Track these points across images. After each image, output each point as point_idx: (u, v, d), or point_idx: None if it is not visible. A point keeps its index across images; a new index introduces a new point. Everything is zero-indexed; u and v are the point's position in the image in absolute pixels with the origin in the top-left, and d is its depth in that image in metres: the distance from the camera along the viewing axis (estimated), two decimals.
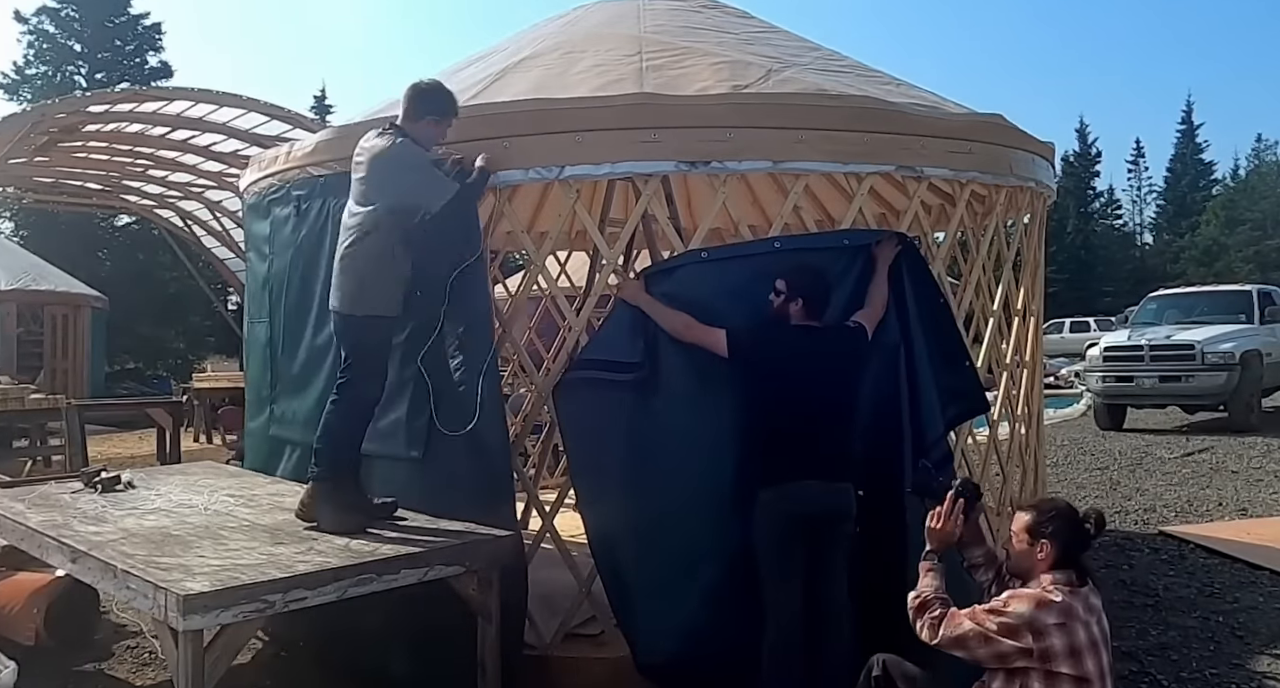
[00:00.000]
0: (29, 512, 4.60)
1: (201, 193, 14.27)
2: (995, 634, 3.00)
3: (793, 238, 4.82)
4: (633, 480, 4.26)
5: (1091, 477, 10.31)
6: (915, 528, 4.21)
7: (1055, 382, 19.93)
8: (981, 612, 3.08)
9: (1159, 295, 17.17)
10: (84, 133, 11.32)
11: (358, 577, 3.56)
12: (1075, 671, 2.98)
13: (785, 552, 3.79)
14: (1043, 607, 3.01)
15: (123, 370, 25.77)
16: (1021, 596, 3.08)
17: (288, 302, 5.28)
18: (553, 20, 6.25)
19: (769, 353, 3.95)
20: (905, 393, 4.36)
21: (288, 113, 11.03)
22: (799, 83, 4.85)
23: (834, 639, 3.80)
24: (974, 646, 3.04)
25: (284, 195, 5.34)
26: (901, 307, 4.42)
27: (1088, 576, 3.17)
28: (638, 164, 4.45)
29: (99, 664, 5.01)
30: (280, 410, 5.36)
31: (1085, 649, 3.00)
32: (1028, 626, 2.98)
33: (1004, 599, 3.10)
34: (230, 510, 4.54)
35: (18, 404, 9.93)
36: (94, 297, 18.04)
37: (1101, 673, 3.03)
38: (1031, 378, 6.03)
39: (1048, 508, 3.26)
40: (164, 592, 3.23)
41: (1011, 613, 3.01)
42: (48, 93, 25.68)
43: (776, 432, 3.88)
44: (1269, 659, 4.82)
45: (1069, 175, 48.44)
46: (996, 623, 3.01)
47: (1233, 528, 7.64)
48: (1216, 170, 55.15)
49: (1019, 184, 5.47)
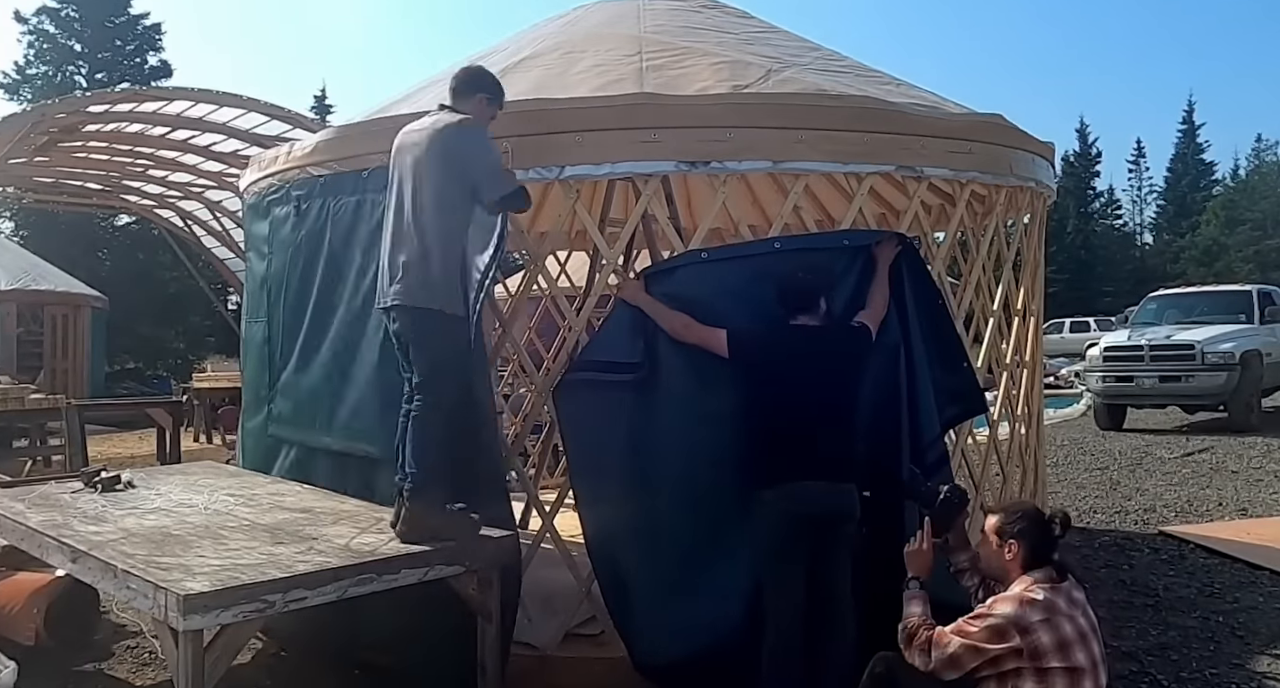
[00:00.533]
0: (29, 512, 4.60)
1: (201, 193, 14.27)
2: (984, 642, 3.08)
3: (793, 238, 4.82)
4: (633, 481, 4.26)
5: (1091, 477, 10.31)
6: (914, 528, 4.23)
7: (1055, 382, 19.93)
8: (966, 622, 3.16)
9: (1159, 295, 17.17)
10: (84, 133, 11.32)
11: (358, 577, 3.56)
12: (1065, 663, 3.04)
13: (786, 553, 3.78)
14: (1026, 605, 3.09)
15: (123, 370, 25.76)
16: (1004, 598, 3.17)
17: (286, 301, 5.28)
18: (553, 20, 6.25)
19: (770, 353, 3.95)
20: (904, 393, 4.36)
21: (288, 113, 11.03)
22: (799, 83, 4.85)
23: (836, 640, 3.79)
24: (966, 661, 3.12)
25: (284, 195, 5.34)
26: (901, 307, 4.42)
27: (1067, 571, 3.29)
28: (638, 164, 4.45)
29: (99, 664, 5.00)
30: (278, 410, 5.36)
31: (1074, 642, 3.07)
32: (1014, 625, 3.05)
33: (988, 604, 3.19)
34: (230, 510, 4.54)
35: (18, 404, 9.93)
36: (94, 297, 18.04)
37: (1094, 663, 3.10)
38: (1031, 378, 6.03)
39: (1014, 510, 3.43)
40: (164, 592, 3.23)
41: (996, 615, 3.10)
42: (48, 93, 25.69)
43: (777, 432, 3.87)
44: (1269, 659, 4.82)
45: (1069, 175, 48.48)
46: (982, 628, 3.09)
47: (1233, 528, 7.64)
48: (1217, 170, 55.27)
49: (1019, 184, 5.47)
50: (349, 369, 4.81)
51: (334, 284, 4.96)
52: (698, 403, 4.22)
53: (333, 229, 4.97)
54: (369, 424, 4.61)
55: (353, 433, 4.79)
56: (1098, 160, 53.40)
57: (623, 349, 4.34)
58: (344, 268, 4.89)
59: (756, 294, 4.13)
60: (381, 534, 3.98)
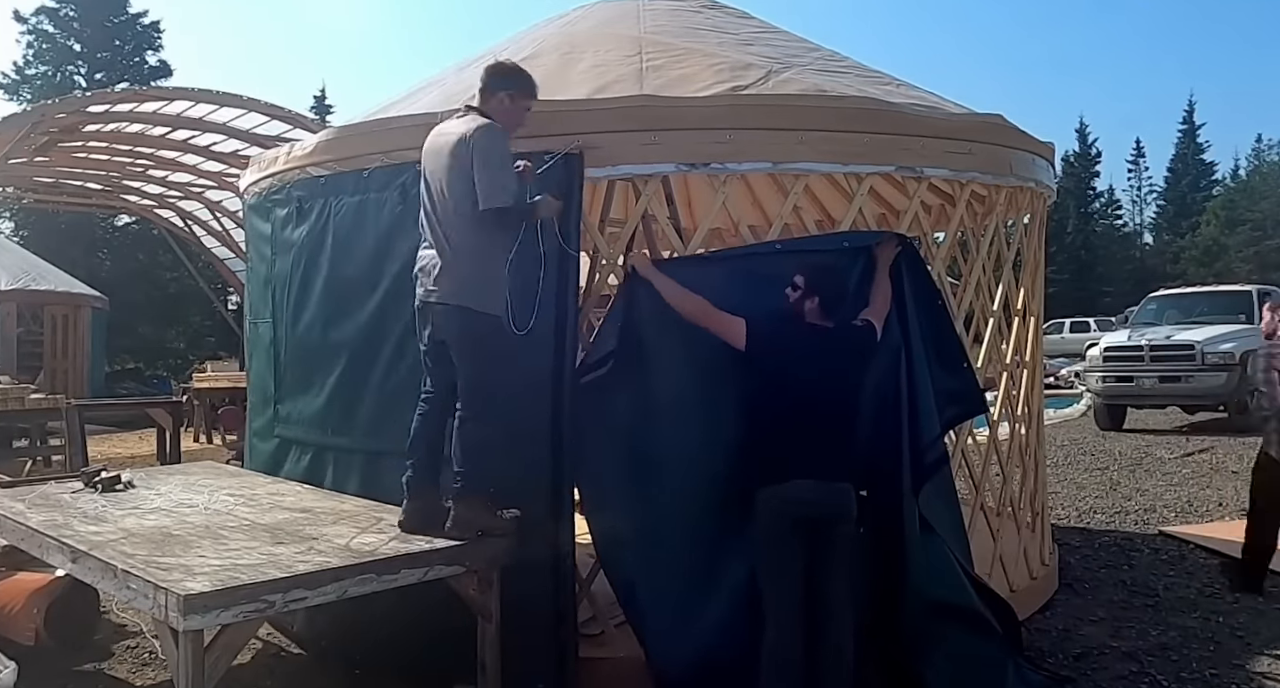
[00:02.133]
0: (29, 512, 4.60)
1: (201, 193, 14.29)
2: None
3: (793, 241, 4.81)
4: (635, 482, 4.25)
5: (1091, 477, 10.31)
6: (914, 527, 4.24)
7: (1055, 382, 19.94)
8: None
9: (1159, 296, 17.16)
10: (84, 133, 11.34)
11: (358, 577, 3.56)
12: None
13: (783, 551, 3.78)
14: None
15: (123, 370, 25.74)
16: None
17: (291, 302, 5.28)
18: (553, 20, 6.25)
19: (783, 350, 3.92)
20: (905, 393, 4.36)
21: (288, 113, 11.05)
22: (799, 83, 4.84)
23: (835, 639, 3.79)
24: None
25: (285, 196, 5.35)
26: (901, 308, 4.42)
27: None
28: (638, 166, 4.45)
29: (99, 664, 5.01)
30: (285, 411, 5.36)
31: None
32: None
33: None
34: (230, 510, 4.54)
35: (18, 404, 9.92)
36: (94, 297, 18.04)
37: None
38: (1031, 378, 6.03)
39: None
40: (164, 592, 3.23)
41: None
42: (48, 93, 25.69)
43: (779, 431, 3.86)
44: (1269, 660, 4.82)
45: (1069, 175, 48.46)
46: None
47: (1233, 528, 7.62)
48: (1217, 171, 55.24)
49: (1019, 184, 5.47)
50: (358, 369, 4.82)
51: (337, 284, 4.97)
52: (698, 400, 4.22)
53: (334, 229, 4.98)
54: (379, 423, 4.62)
55: (363, 432, 4.80)
56: (1098, 160, 53.40)
57: (620, 346, 4.33)
58: (347, 268, 4.90)
59: (757, 298, 4.12)
60: (382, 534, 3.99)
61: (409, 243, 4.22)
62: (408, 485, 4.07)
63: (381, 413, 4.63)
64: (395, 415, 4.33)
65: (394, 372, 4.60)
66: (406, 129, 4.71)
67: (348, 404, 4.89)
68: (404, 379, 4.41)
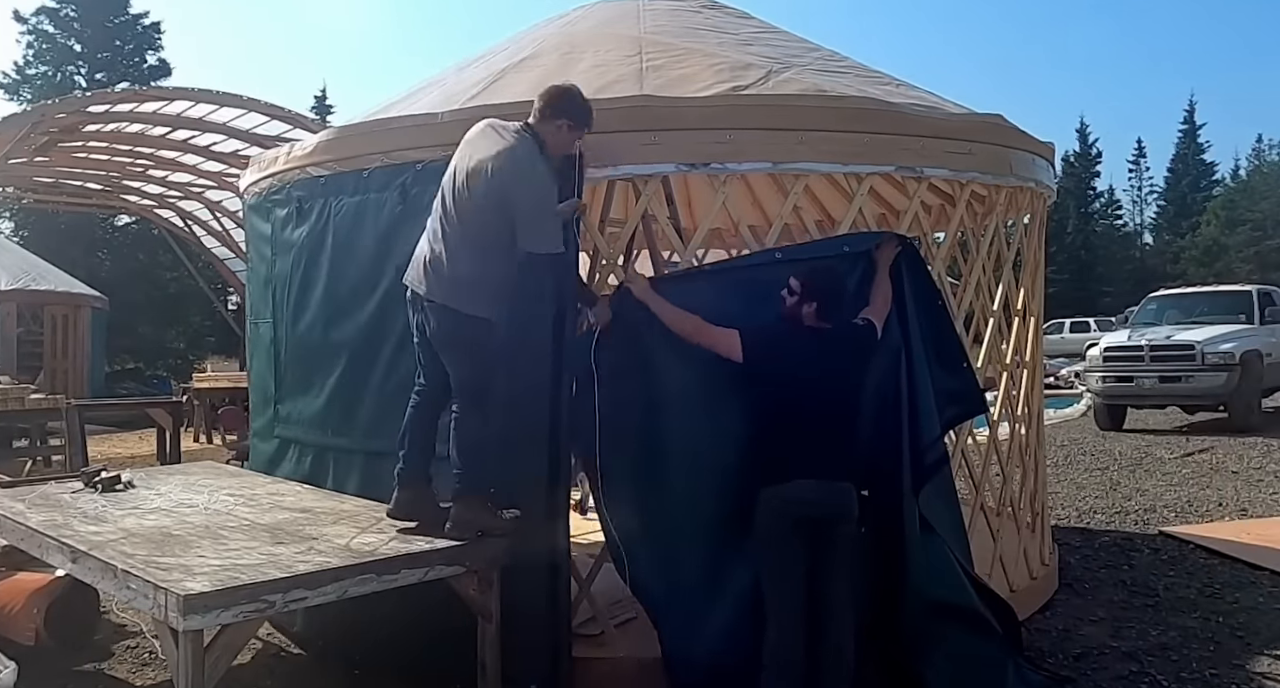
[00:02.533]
0: (29, 512, 4.60)
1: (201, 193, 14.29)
2: None
3: (793, 248, 4.77)
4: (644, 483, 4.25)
5: (1091, 477, 10.31)
6: (914, 527, 4.24)
7: (1055, 382, 19.93)
8: None
9: (1159, 296, 17.17)
10: (84, 133, 11.34)
11: (358, 577, 3.56)
12: None
13: (784, 551, 3.78)
14: None
15: (123, 370, 25.78)
16: None
17: (291, 302, 5.29)
18: (553, 20, 6.25)
19: (782, 356, 3.92)
20: (905, 393, 4.36)
21: (288, 113, 11.06)
22: (799, 83, 4.84)
23: (835, 639, 3.79)
24: None
25: (285, 196, 5.35)
26: (901, 308, 4.41)
27: None
28: (638, 166, 4.45)
29: (99, 664, 5.01)
30: (286, 411, 5.37)
31: None
32: None
33: None
34: (230, 510, 4.54)
35: (18, 404, 9.93)
36: (94, 297, 18.05)
37: None
38: (1031, 378, 6.03)
39: None
40: (164, 592, 3.23)
41: None
42: (48, 93, 25.70)
43: (780, 431, 3.87)
44: (1269, 659, 4.82)
45: (1069, 175, 48.46)
46: None
47: (1233, 528, 7.64)
48: (1217, 171, 55.22)
49: (1019, 184, 5.47)
50: (358, 369, 4.83)
51: (337, 285, 4.97)
52: (704, 410, 4.21)
53: (335, 230, 4.98)
54: (380, 423, 4.61)
55: (364, 432, 4.80)
56: (1098, 160, 53.39)
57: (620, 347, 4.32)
58: (347, 268, 4.90)
59: (758, 308, 4.11)
60: (382, 534, 3.99)
61: (409, 243, 4.21)
62: (398, 476, 4.12)
63: (381, 413, 4.63)
64: (395, 416, 4.32)
65: (394, 372, 4.60)
66: (406, 129, 4.72)
67: (348, 404, 4.90)
68: (404, 379, 4.40)
